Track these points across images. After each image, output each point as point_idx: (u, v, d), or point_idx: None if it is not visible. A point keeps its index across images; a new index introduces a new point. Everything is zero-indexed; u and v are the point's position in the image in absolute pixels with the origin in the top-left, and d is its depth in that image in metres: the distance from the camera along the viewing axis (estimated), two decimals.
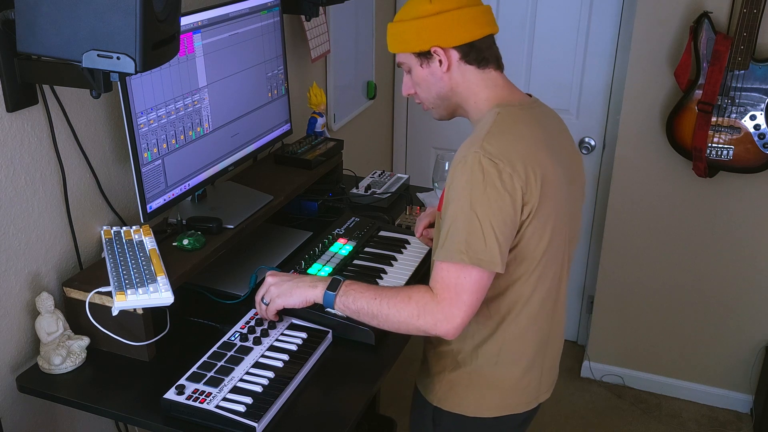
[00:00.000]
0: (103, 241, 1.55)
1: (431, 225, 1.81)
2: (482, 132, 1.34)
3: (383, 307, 1.35)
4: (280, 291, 1.47)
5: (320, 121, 2.32)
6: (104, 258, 1.51)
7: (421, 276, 1.72)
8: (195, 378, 1.35)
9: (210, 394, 1.31)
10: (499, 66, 1.46)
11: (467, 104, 1.46)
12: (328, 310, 1.53)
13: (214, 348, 1.44)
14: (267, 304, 1.49)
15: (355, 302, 1.38)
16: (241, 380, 1.35)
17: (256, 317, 1.54)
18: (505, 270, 1.34)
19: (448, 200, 1.33)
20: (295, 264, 1.71)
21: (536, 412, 1.61)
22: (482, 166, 1.28)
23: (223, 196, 1.87)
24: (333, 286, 1.41)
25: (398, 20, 1.45)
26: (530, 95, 1.50)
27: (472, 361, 1.48)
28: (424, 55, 1.43)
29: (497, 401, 1.50)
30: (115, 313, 1.39)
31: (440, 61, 1.41)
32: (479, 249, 1.27)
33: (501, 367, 1.47)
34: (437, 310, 1.30)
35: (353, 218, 1.96)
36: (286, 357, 1.43)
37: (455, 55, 1.41)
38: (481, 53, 1.42)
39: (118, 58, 1.16)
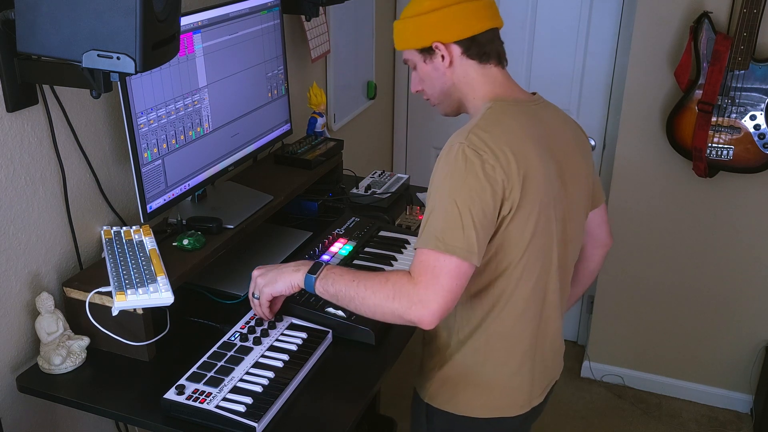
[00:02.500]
0: (103, 241, 1.55)
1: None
2: (471, 123, 1.36)
3: (360, 289, 1.33)
4: (266, 280, 1.47)
5: (320, 121, 2.32)
6: (104, 258, 1.51)
7: None
8: (195, 378, 1.35)
9: (210, 394, 1.31)
10: (500, 61, 1.47)
11: (467, 100, 1.47)
12: (328, 309, 1.53)
13: (214, 348, 1.44)
14: (258, 298, 1.50)
15: (334, 285, 1.37)
16: (241, 380, 1.35)
17: (256, 317, 1.54)
18: (487, 265, 1.35)
19: (430, 189, 1.34)
20: None
21: (534, 418, 1.60)
22: (465, 156, 1.29)
23: (223, 196, 1.87)
24: (314, 269, 1.41)
25: (402, 18, 1.47)
26: (535, 93, 1.51)
27: (459, 358, 1.48)
28: (427, 51, 1.44)
29: (487, 402, 1.50)
30: (115, 313, 1.39)
31: (442, 57, 1.43)
32: (456, 237, 1.27)
33: (489, 367, 1.47)
34: (413, 292, 1.27)
35: (353, 218, 1.96)
36: (286, 357, 1.43)
37: (457, 50, 1.42)
38: (483, 48, 1.43)
39: (118, 58, 1.16)
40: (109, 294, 1.42)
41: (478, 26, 1.42)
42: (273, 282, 1.46)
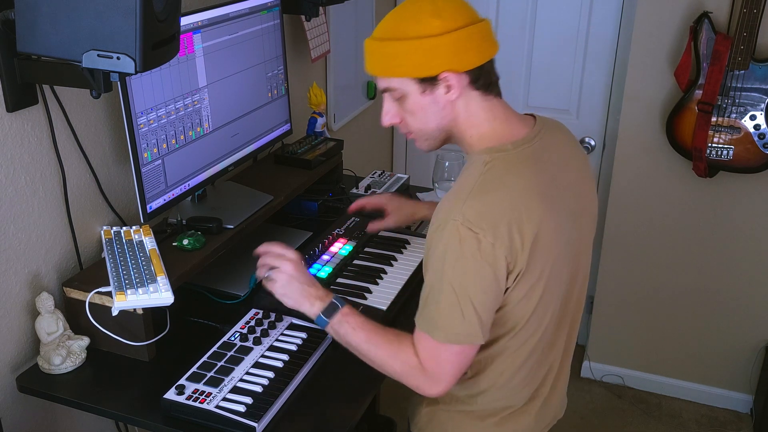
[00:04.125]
0: (103, 241, 1.55)
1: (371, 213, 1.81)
2: (465, 191, 1.21)
3: (370, 353, 1.32)
4: (287, 291, 1.40)
5: (320, 121, 2.32)
6: (104, 258, 1.51)
7: (421, 278, 1.71)
8: (195, 378, 1.35)
9: (210, 394, 1.31)
10: (498, 91, 1.30)
11: (464, 137, 1.30)
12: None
13: (214, 348, 1.44)
14: (270, 280, 1.42)
15: (347, 337, 1.34)
16: (241, 380, 1.35)
17: (256, 317, 1.54)
18: (491, 327, 1.27)
19: (426, 266, 1.26)
20: None
21: None
22: (460, 236, 1.17)
23: (223, 196, 1.87)
24: (329, 311, 1.36)
25: (390, 38, 1.24)
26: (534, 117, 1.35)
27: (450, 401, 1.43)
28: (429, 81, 1.23)
29: None
30: (115, 313, 1.39)
31: (447, 88, 1.23)
32: (456, 324, 1.20)
33: (480, 407, 1.40)
34: (420, 376, 1.27)
35: (353, 218, 1.96)
36: (286, 357, 1.43)
37: (465, 79, 1.24)
38: (489, 77, 1.27)
39: (118, 58, 1.16)
40: (109, 294, 1.42)
41: (489, 52, 1.25)
42: (289, 296, 1.40)
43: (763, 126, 2.45)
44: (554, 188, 1.27)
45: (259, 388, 1.33)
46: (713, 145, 2.53)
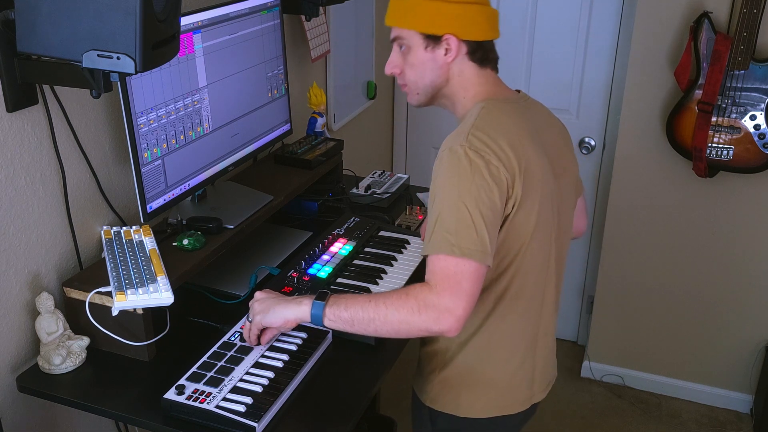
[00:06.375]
0: (103, 241, 1.55)
1: None
2: (467, 125, 1.34)
3: (380, 308, 1.27)
4: (262, 308, 1.40)
5: (320, 121, 2.32)
6: (104, 258, 1.51)
7: (421, 277, 1.71)
8: (195, 378, 1.35)
9: (210, 394, 1.31)
10: (495, 68, 1.47)
11: (455, 98, 1.45)
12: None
13: (214, 348, 1.45)
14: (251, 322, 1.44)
15: (348, 309, 1.30)
16: (241, 380, 1.35)
17: None
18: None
19: (434, 193, 1.31)
20: (295, 264, 1.71)
21: (532, 414, 1.60)
22: (469, 158, 1.27)
23: (223, 196, 1.87)
24: (321, 297, 1.35)
25: None
26: (519, 91, 1.51)
27: (460, 359, 1.47)
28: (433, 39, 1.39)
29: (490, 401, 1.49)
30: (115, 313, 1.39)
31: (447, 50, 1.39)
32: (471, 239, 1.24)
33: (490, 365, 1.46)
34: (438, 302, 1.23)
35: (353, 218, 1.96)
36: (286, 357, 1.43)
37: (464, 49, 1.40)
38: (486, 54, 1.42)
39: (118, 58, 1.16)
40: (109, 294, 1.42)
41: (490, 33, 1.41)
42: (265, 312, 1.39)
43: (763, 126, 2.45)
44: (537, 140, 1.40)
45: (259, 388, 1.33)
46: (713, 145, 2.53)
